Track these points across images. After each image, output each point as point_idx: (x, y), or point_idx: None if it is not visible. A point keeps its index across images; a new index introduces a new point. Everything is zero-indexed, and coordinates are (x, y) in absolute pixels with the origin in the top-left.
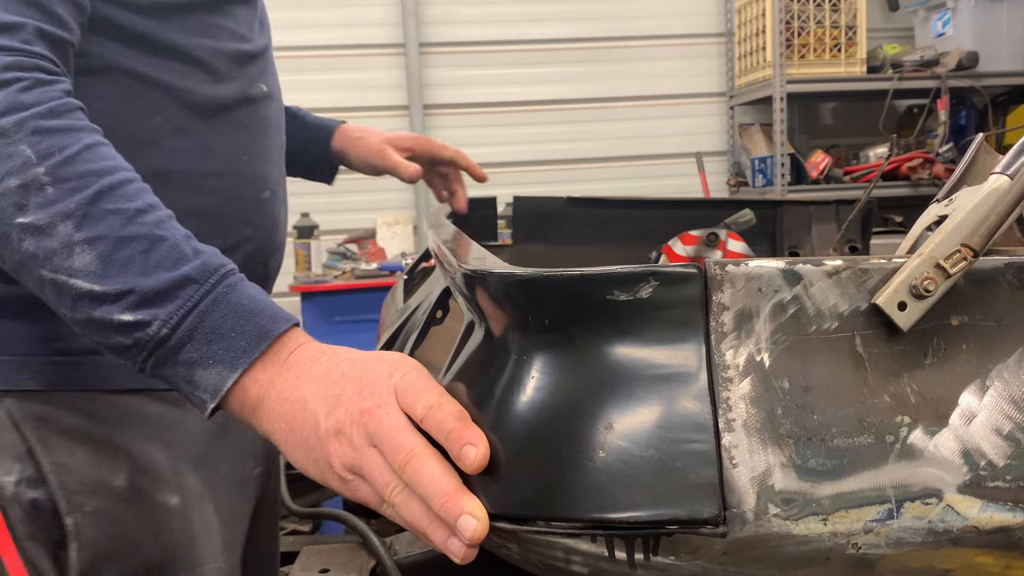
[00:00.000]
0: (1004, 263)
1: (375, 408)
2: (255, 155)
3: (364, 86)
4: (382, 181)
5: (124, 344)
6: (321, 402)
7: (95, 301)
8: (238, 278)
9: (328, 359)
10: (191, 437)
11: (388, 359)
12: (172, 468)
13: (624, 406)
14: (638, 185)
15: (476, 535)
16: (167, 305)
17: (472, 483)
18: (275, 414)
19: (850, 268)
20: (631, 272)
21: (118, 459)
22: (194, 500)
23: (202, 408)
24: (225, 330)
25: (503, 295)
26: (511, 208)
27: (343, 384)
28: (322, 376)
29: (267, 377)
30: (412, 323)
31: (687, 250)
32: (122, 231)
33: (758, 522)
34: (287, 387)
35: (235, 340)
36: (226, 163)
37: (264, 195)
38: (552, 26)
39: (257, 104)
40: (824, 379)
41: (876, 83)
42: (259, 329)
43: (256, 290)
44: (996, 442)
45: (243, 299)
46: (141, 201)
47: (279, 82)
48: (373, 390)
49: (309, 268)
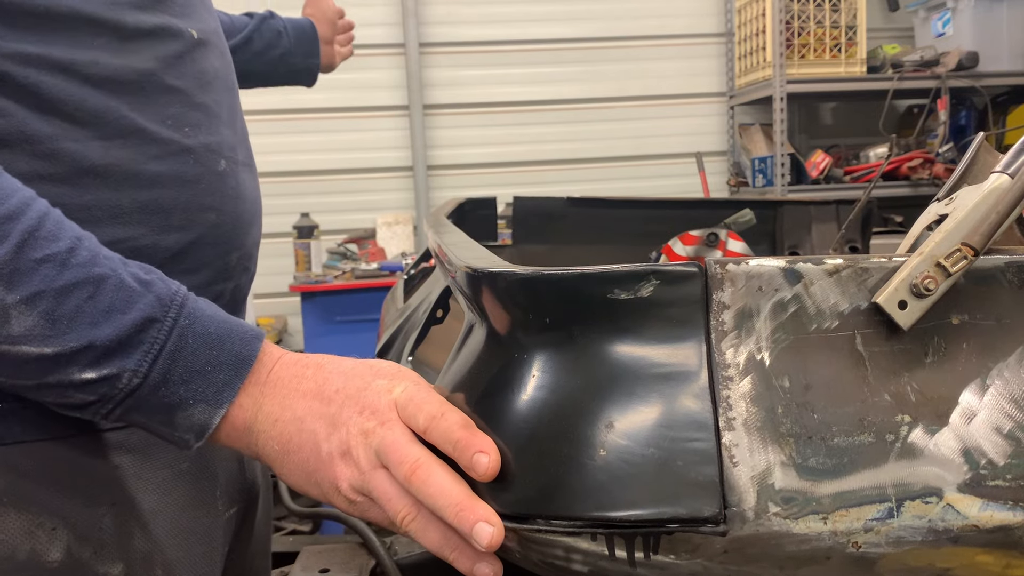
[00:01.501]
0: (1005, 262)
1: (378, 427)
2: (197, 122)
3: (364, 86)
4: (382, 181)
5: (87, 401)
6: (319, 421)
7: (48, 364)
8: (193, 301)
9: (315, 373)
10: (145, 491)
11: (384, 371)
12: (118, 531)
13: (625, 405)
14: (638, 185)
15: (493, 541)
16: (133, 353)
17: (476, 485)
18: (267, 436)
19: (851, 267)
20: (632, 271)
21: (56, 528)
22: (139, 566)
23: (184, 446)
24: (200, 366)
25: (504, 294)
26: (511, 208)
27: (340, 402)
28: (315, 393)
29: (251, 401)
30: (412, 323)
31: (687, 250)
32: (59, 280)
33: (758, 521)
34: (276, 407)
35: (213, 374)
36: (162, 142)
37: (220, 167)
38: (552, 26)
39: (188, 57)
40: (824, 378)
41: (876, 83)
42: (235, 357)
43: (213, 309)
44: (996, 441)
45: (208, 326)
46: (67, 237)
47: (216, 19)
48: (374, 408)
49: (309, 268)
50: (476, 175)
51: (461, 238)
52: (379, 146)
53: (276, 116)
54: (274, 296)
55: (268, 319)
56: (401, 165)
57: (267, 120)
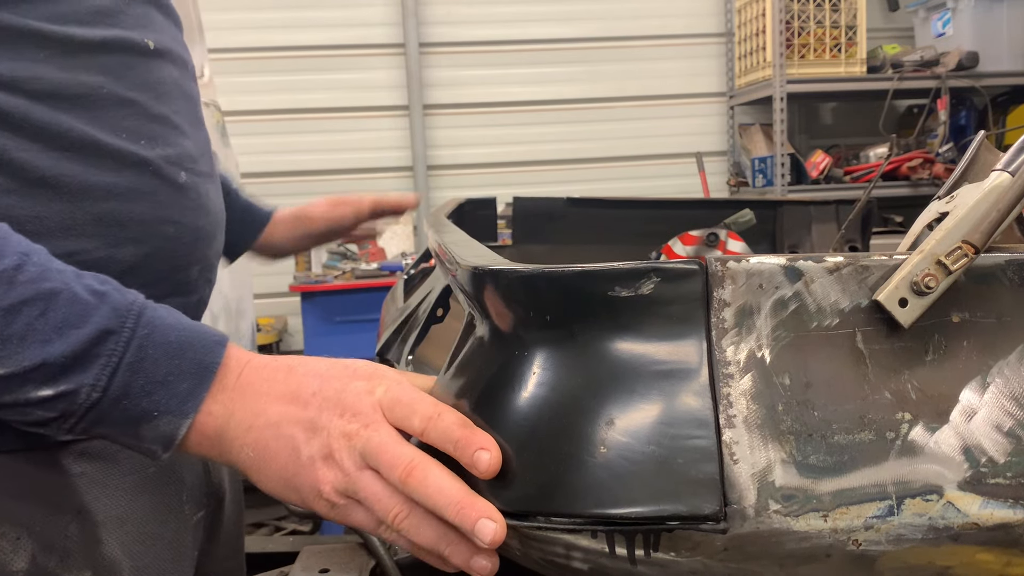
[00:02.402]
0: (1005, 260)
1: (362, 429)
2: (154, 133)
3: (364, 86)
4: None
5: (48, 418)
6: (296, 426)
7: (2, 384)
8: (152, 309)
9: (287, 376)
10: (111, 498)
11: (361, 371)
12: (84, 538)
13: (625, 402)
14: (638, 185)
15: (496, 537)
16: (91, 368)
17: (475, 483)
18: (241, 443)
19: (851, 265)
20: (632, 268)
21: (20, 537)
22: (106, 573)
23: (152, 457)
24: (162, 376)
25: (504, 291)
26: (511, 208)
27: (319, 405)
28: (290, 397)
29: (221, 408)
30: (412, 322)
31: (687, 250)
32: (6, 299)
33: (758, 518)
34: (248, 413)
35: (176, 384)
36: (117, 154)
37: (180, 179)
38: (552, 26)
39: (143, 68)
40: (825, 375)
41: (876, 83)
42: (197, 364)
43: (174, 316)
44: (997, 439)
45: (168, 335)
46: (12, 253)
47: (174, 31)
48: (356, 410)
49: (309, 268)
50: (476, 175)
51: (461, 237)
52: (379, 146)
53: (276, 116)
54: (274, 296)
55: (268, 319)
56: (401, 165)
57: (267, 120)
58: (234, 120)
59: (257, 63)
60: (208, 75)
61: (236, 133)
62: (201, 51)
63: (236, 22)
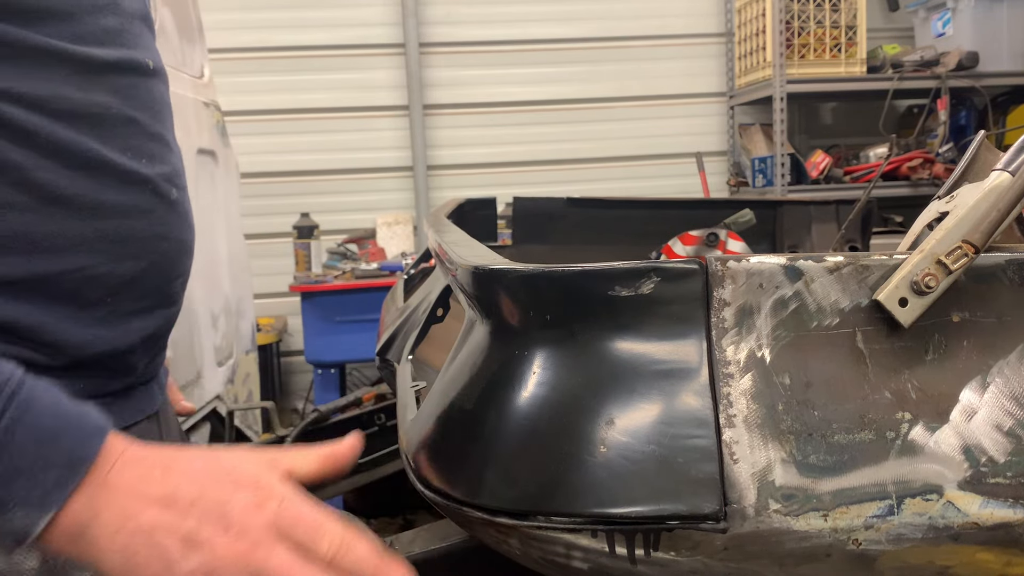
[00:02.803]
0: (1005, 260)
1: (250, 551)
2: (152, 152)
3: (364, 86)
4: (382, 181)
5: None
6: (170, 537)
7: None
8: (29, 390)
9: (163, 476)
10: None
11: (244, 481)
12: None
13: (625, 402)
14: (638, 185)
15: None
16: None
17: (477, 484)
18: (107, 547)
19: (851, 264)
20: (633, 268)
21: None
22: None
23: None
24: (27, 463)
25: (505, 291)
26: (511, 208)
27: (198, 517)
28: (166, 500)
29: (85, 504)
30: (412, 322)
31: (687, 250)
32: None
33: (758, 518)
34: (116, 515)
35: (40, 474)
36: (124, 172)
37: (173, 195)
38: (552, 26)
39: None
40: (825, 375)
41: (876, 83)
42: (68, 455)
43: (53, 397)
44: (997, 438)
45: (43, 418)
46: None
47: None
48: (242, 528)
49: (309, 268)
50: (476, 175)
51: (462, 237)
52: (379, 146)
53: (276, 116)
54: (274, 296)
55: (268, 319)
56: (401, 165)
57: (267, 120)
58: (234, 120)
59: (257, 63)
60: (208, 75)
61: (236, 133)
62: (201, 51)
63: (236, 22)
